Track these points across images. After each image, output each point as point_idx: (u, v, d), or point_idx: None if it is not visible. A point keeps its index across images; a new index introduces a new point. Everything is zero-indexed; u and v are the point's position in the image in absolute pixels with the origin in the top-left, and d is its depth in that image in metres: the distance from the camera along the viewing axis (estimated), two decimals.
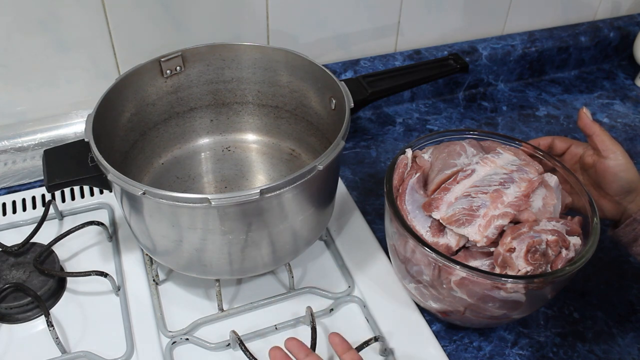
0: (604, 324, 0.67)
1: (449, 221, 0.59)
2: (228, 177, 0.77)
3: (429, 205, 0.60)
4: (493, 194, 0.59)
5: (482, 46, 1.01)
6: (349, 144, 0.90)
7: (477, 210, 0.58)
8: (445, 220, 0.59)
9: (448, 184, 0.62)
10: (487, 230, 0.57)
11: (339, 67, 0.94)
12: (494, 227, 0.58)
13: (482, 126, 0.97)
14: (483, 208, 0.58)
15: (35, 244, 0.70)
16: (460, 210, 0.59)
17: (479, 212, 0.58)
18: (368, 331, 0.64)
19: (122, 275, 0.69)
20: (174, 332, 0.63)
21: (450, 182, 0.62)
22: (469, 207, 0.59)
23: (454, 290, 0.58)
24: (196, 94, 0.76)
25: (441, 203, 0.60)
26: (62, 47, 0.78)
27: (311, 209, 0.61)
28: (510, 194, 0.59)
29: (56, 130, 0.81)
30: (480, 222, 0.58)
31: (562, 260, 0.57)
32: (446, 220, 0.59)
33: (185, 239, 0.58)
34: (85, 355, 0.61)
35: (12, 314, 0.64)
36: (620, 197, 0.63)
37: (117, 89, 0.66)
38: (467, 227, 0.58)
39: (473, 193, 0.60)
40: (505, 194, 0.59)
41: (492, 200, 0.59)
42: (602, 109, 1.01)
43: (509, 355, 0.64)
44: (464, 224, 0.58)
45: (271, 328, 0.64)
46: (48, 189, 0.60)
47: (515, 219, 0.58)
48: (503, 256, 0.57)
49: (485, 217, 0.58)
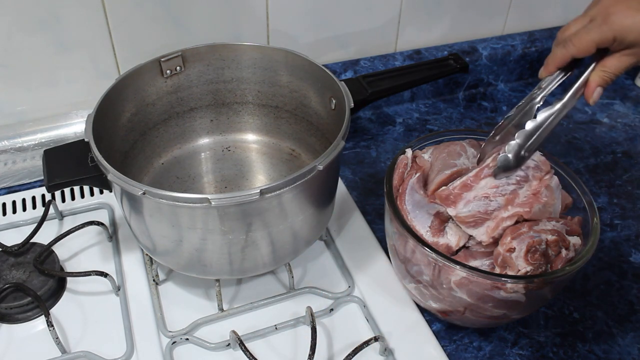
0: (604, 324, 0.67)
1: (462, 221, 0.58)
2: (228, 177, 0.77)
3: (447, 198, 0.59)
4: (509, 196, 0.58)
5: (482, 46, 1.01)
6: (349, 144, 0.90)
7: (492, 213, 0.58)
8: (459, 219, 0.59)
9: (471, 180, 0.60)
10: (495, 232, 0.57)
11: (339, 67, 0.94)
12: (501, 229, 0.57)
13: (482, 126, 0.97)
14: (496, 211, 0.58)
15: (35, 244, 0.70)
16: (476, 213, 0.58)
17: (492, 214, 0.58)
18: (368, 331, 0.64)
19: (122, 275, 0.69)
20: (174, 332, 0.63)
21: (474, 179, 0.60)
22: (484, 211, 0.58)
23: (454, 290, 0.58)
24: (196, 94, 0.76)
25: (460, 199, 0.59)
26: (62, 46, 0.78)
27: (311, 209, 0.61)
28: (522, 193, 0.59)
29: (56, 130, 0.81)
30: (489, 224, 0.58)
31: (562, 260, 0.57)
32: (459, 220, 0.59)
33: (185, 239, 0.58)
34: (85, 355, 0.61)
35: (12, 314, 0.64)
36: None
37: (117, 89, 0.66)
38: (477, 229, 0.58)
39: (492, 195, 0.59)
40: (518, 195, 0.58)
41: (506, 202, 0.58)
42: (602, 109, 1.01)
43: (509, 355, 0.64)
44: (476, 226, 0.58)
45: (271, 328, 0.64)
46: (48, 189, 0.60)
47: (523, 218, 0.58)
48: (503, 256, 0.57)
49: (496, 219, 0.58)
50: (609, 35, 0.54)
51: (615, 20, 0.54)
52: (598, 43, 0.55)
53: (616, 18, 0.54)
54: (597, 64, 0.57)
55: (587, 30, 0.56)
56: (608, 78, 0.57)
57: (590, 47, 0.56)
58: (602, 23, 0.55)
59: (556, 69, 0.60)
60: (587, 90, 0.57)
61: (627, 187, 0.85)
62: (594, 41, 0.55)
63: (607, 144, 0.93)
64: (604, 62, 0.57)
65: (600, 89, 0.57)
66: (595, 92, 0.57)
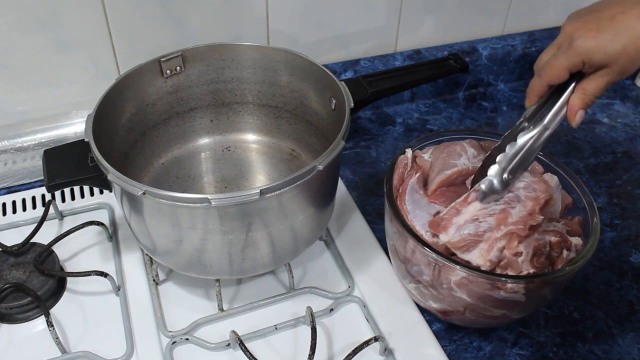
0: (604, 324, 0.67)
1: (455, 246, 0.58)
2: (228, 177, 0.77)
3: (437, 225, 0.59)
4: (499, 215, 0.58)
5: (482, 46, 1.01)
6: (349, 144, 0.90)
7: (483, 235, 0.58)
8: (451, 245, 0.58)
9: (459, 204, 0.60)
10: (490, 254, 0.57)
11: (339, 67, 0.94)
12: (496, 250, 0.57)
13: (482, 126, 0.97)
14: (488, 232, 0.58)
15: (35, 244, 0.70)
16: (467, 236, 0.58)
17: (484, 236, 0.57)
18: (368, 331, 0.64)
19: (122, 275, 0.69)
20: (174, 332, 0.63)
21: (462, 203, 0.60)
22: (474, 233, 0.58)
23: (454, 290, 0.58)
24: (196, 94, 0.76)
25: (450, 225, 0.59)
26: (62, 47, 0.78)
27: (311, 209, 0.61)
28: (515, 213, 0.58)
29: (56, 130, 0.81)
30: (483, 246, 0.57)
31: (563, 261, 0.57)
32: (452, 245, 0.58)
33: (185, 239, 0.58)
34: (85, 355, 0.61)
35: (12, 314, 0.64)
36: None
37: (117, 89, 0.66)
38: (471, 252, 0.57)
39: (481, 217, 0.58)
40: (510, 214, 0.58)
41: (497, 222, 0.58)
42: (602, 109, 1.01)
43: (509, 355, 0.64)
44: (469, 249, 0.58)
45: (271, 328, 0.64)
46: (48, 189, 0.60)
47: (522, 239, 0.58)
48: (508, 259, 0.56)
49: (488, 240, 0.57)
50: (577, 59, 0.55)
51: (579, 44, 0.55)
52: (568, 68, 0.56)
53: (580, 42, 0.55)
54: (577, 86, 0.58)
55: (556, 58, 0.57)
56: (588, 100, 0.57)
57: (561, 74, 0.57)
58: (568, 48, 0.56)
59: (537, 98, 0.61)
60: (570, 114, 0.58)
61: (627, 187, 0.85)
62: (564, 67, 0.56)
63: (607, 144, 0.93)
64: (581, 84, 0.57)
65: (582, 112, 0.58)
66: (578, 115, 0.58)
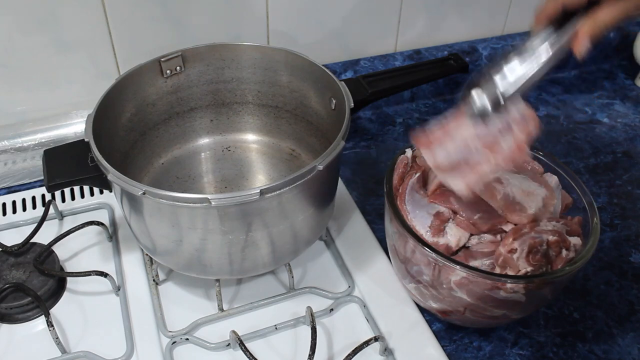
0: (604, 324, 0.67)
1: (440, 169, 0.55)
2: (228, 177, 0.77)
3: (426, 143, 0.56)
4: (489, 144, 0.54)
5: (482, 46, 1.01)
6: (349, 144, 0.90)
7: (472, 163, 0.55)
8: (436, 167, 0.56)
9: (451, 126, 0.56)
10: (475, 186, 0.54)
11: (339, 67, 0.94)
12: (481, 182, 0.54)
13: None
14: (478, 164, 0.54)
15: (35, 244, 0.70)
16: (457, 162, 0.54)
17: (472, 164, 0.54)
18: (368, 331, 0.64)
19: (122, 275, 0.69)
20: (174, 332, 0.63)
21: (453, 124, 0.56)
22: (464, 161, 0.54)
23: (454, 290, 0.58)
24: (196, 94, 0.76)
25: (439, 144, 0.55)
26: (62, 47, 0.78)
27: (311, 209, 0.61)
28: (504, 145, 0.54)
29: (56, 130, 0.81)
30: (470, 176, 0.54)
31: (563, 261, 0.57)
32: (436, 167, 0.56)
33: (185, 239, 0.58)
34: (85, 355, 0.61)
35: (12, 314, 0.64)
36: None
37: (117, 89, 0.66)
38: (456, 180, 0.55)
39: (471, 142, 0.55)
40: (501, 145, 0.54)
41: (486, 152, 0.54)
42: (602, 109, 1.01)
43: (509, 355, 0.64)
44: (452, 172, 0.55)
45: (271, 328, 0.64)
46: (48, 189, 0.60)
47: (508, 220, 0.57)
48: (504, 257, 0.57)
49: (476, 171, 0.54)
50: None
51: None
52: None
53: None
54: (588, 15, 0.54)
55: None
56: (598, 29, 0.54)
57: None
58: None
59: (548, 21, 0.57)
60: (576, 41, 0.54)
61: (627, 187, 0.85)
62: None
63: (607, 144, 0.93)
64: (594, 12, 0.54)
65: (588, 41, 0.54)
66: (582, 43, 0.54)
